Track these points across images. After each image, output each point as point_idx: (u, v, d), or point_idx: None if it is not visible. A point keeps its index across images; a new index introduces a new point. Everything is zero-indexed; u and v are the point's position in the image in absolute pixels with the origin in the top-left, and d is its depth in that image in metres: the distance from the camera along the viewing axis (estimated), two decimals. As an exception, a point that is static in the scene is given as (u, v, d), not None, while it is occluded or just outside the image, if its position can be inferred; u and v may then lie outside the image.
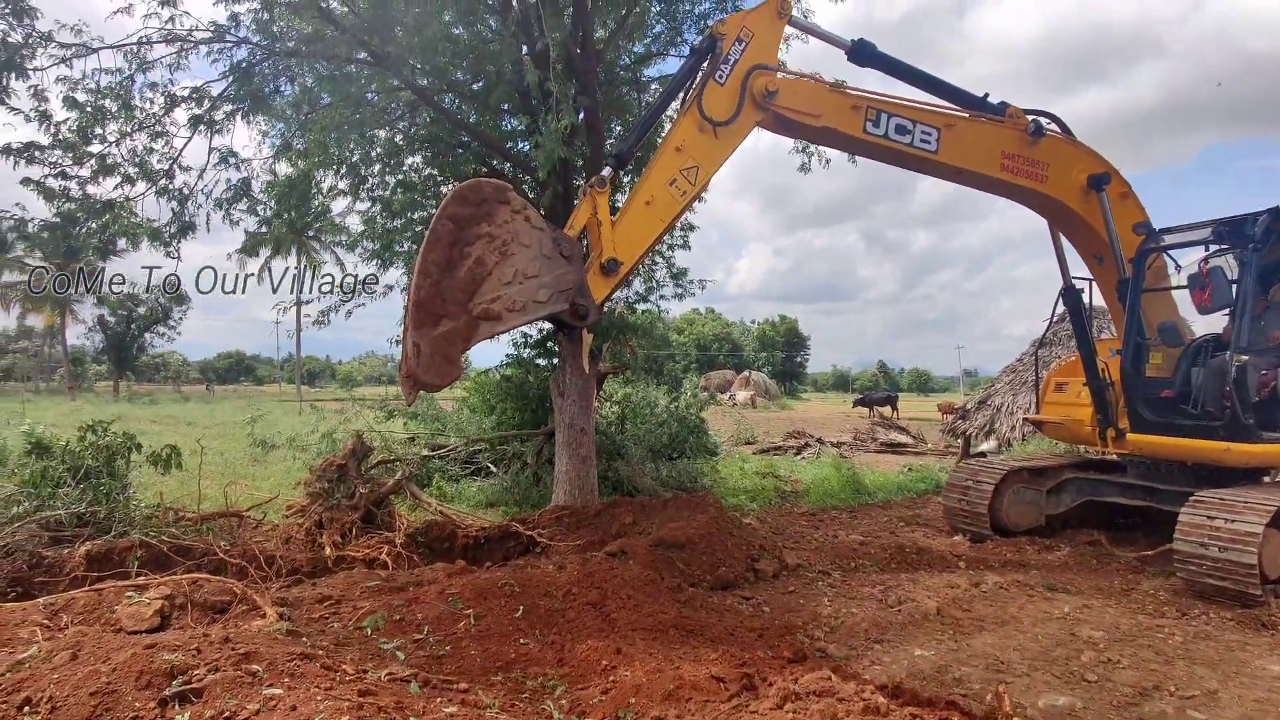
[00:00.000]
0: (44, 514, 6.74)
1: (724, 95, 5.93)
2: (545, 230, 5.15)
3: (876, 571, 7.36)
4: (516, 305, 5.01)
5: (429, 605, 4.82)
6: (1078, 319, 8.07)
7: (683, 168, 5.80)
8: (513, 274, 4.99)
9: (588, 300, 5.33)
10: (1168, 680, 4.70)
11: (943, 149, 6.72)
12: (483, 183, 5.10)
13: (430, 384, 4.89)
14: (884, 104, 6.56)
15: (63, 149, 7.16)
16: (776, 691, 3.05)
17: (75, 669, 3.20)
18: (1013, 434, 16.76)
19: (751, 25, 6.05)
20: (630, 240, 5.64)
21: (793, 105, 6.21)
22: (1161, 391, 7.42)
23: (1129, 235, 7.68)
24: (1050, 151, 7.28)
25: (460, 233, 4.91)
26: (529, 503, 10.12)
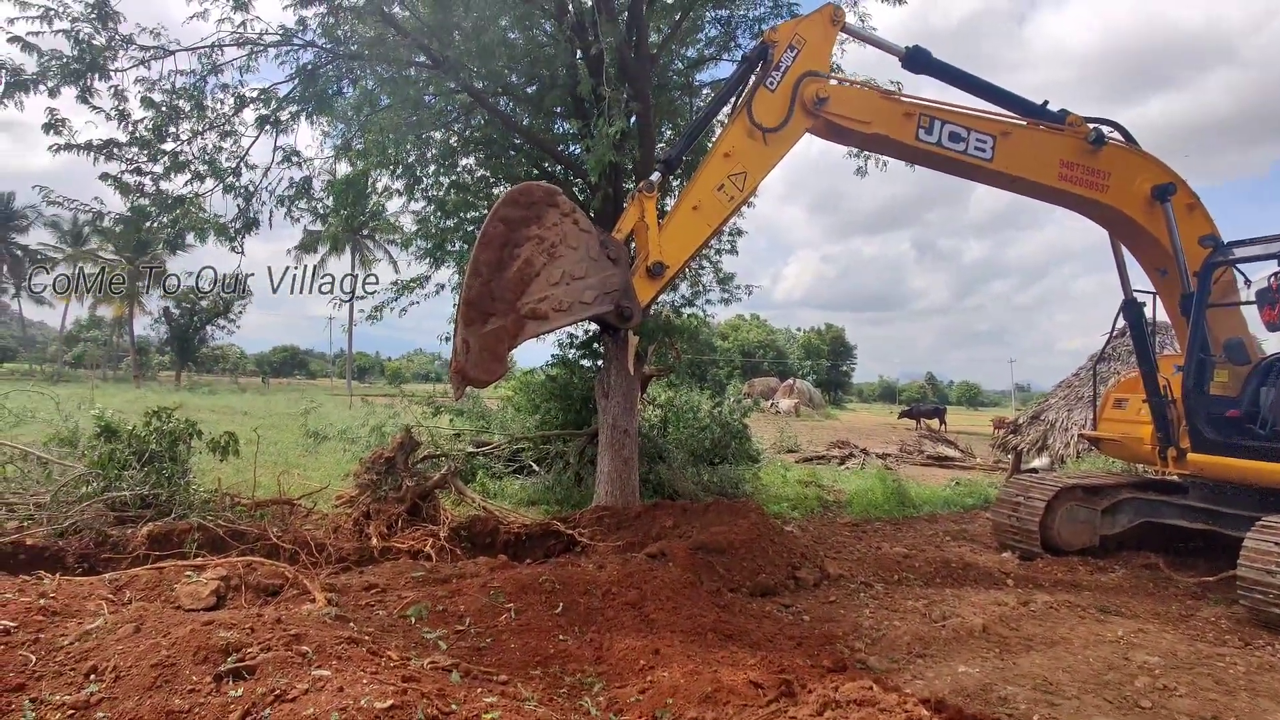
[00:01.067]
0: (110, 494, 7.05)
1: (775, 102, 5.95)
2: (593, 233, 5.24)
3: (920, 585, 7.22)
4: (563, 305, 5.12)
5: (471, 598, 4.90)
6: (1139, 333, 7.81)
7: (731, 173, 5.82)
8: (560, 275, 5.11)
9: (633, 303, 5.39)
10: (1228, 712, 4.50)
11: (998, 157, 6.58)
12: (533, 186, 5.25)
13: (478, 380, 5.01)
14: (937, 111, 6.46)
15: (139, 146, 7.49)
16: (816, 699, 3.03)
17: (138, 642, 3.35)
18: (1066, 451, 16.29)
19: (804, 33, 6.06)
20: (677, 244, 5.70)
21: (844, 112, 6.20)
22: (1227, 411, 7.12)
23: (1195, 248, 7.39)
24: (1112, 161, 7.05)
25: (511, 234, 5.05)
26: (570, 502, 10.19)
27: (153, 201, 7.68)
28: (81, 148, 7.25)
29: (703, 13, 9.51)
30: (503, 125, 9.22)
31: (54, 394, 11.50)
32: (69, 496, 7.03)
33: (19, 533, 6.36)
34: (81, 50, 6.90)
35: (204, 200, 7.92)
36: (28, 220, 57.74)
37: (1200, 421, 7.30)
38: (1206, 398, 7.32)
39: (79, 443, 8.37)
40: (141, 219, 7.76)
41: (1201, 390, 7.35)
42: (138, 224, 7.72)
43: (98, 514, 6.83)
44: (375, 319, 10.15)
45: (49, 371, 51.80)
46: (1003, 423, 23.99)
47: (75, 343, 67.91)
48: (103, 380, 47.67)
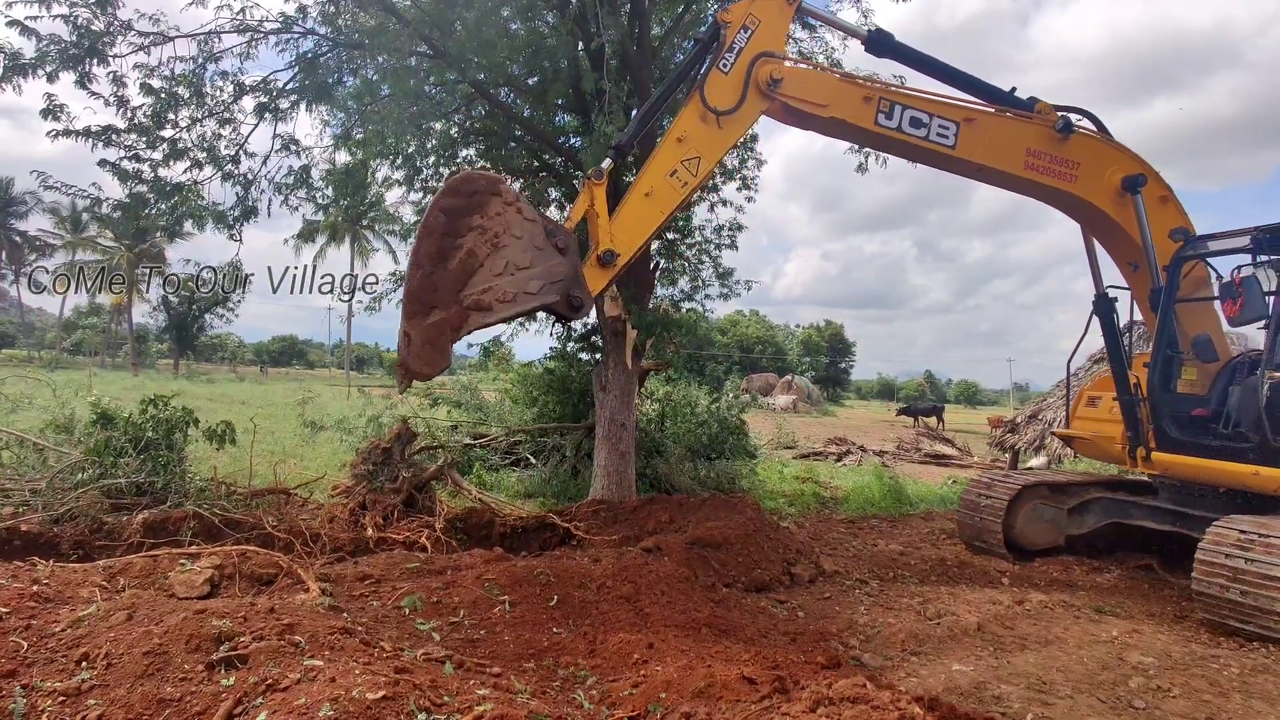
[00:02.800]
0: (106, 481, 7.03)
1: (728, 84, 5.78)
2: (538, 222, 5.13)
3: (916, 583, 7.23)
4: (507, 296, 5.00)
5: (466, 590, 4.89)
6: (1109, 330, 7.68)
7: (684, 158, 5.70)
8: (504, 265, 4.99)
9: (583, 292, 5.26)
10: (1221, 713, 4.51)
11: (961, 144, 6.40)
12: (474, 174, 5.16)
13: (420, 372, 4.91)
14: (898, 95, 6.32)
15: (137, 133, 7.45)
16: (809, 695, 3.02)
17: (130, 629, 3.34)
18: (1063, 450, 16.31)
19: (759, 12, 5.87)
20: (628, 232, 5.57)
21: (799, 94, 6.00)
22: (1194, 409, 7.02)
23: (1167, 241, 7.26)
24: (1081, 150, 6.90)
25: (453, 224, 4.94)
26: (567, 495, 10.19)
27: (151, 188, 7.64)
28: (80, 134, 7.22)
29: (705, 5, 9.46)
30: (504, 117, 9.18)
31: (51, 380, 11.47)
32: (64, 483, 7.02)
33: (14, 519, 6.35)
34: (80, 35, 6.86)
35: (202, 188, 7.90)
36: (27, 206, 57.65)
37: (1166, 420, 7.21)
38: (1173, 396, 7.24)
39: (75, 429, 8.36)
40: (140, 206, 7.73)
41: (1168, 388, 7.27)
42: (136, 211, 7.68)
43: (93, 501, 6.81)
44: (374, 310, 10.14)
45: (47, 358, 51.75)
46: (1000, 421, 24.02)
47: (74, 329, 67.85)
48: (101, 368, 47.62)
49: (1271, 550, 5.67)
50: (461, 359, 35.28)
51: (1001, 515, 7.98)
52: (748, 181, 11.13)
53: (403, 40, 7.51)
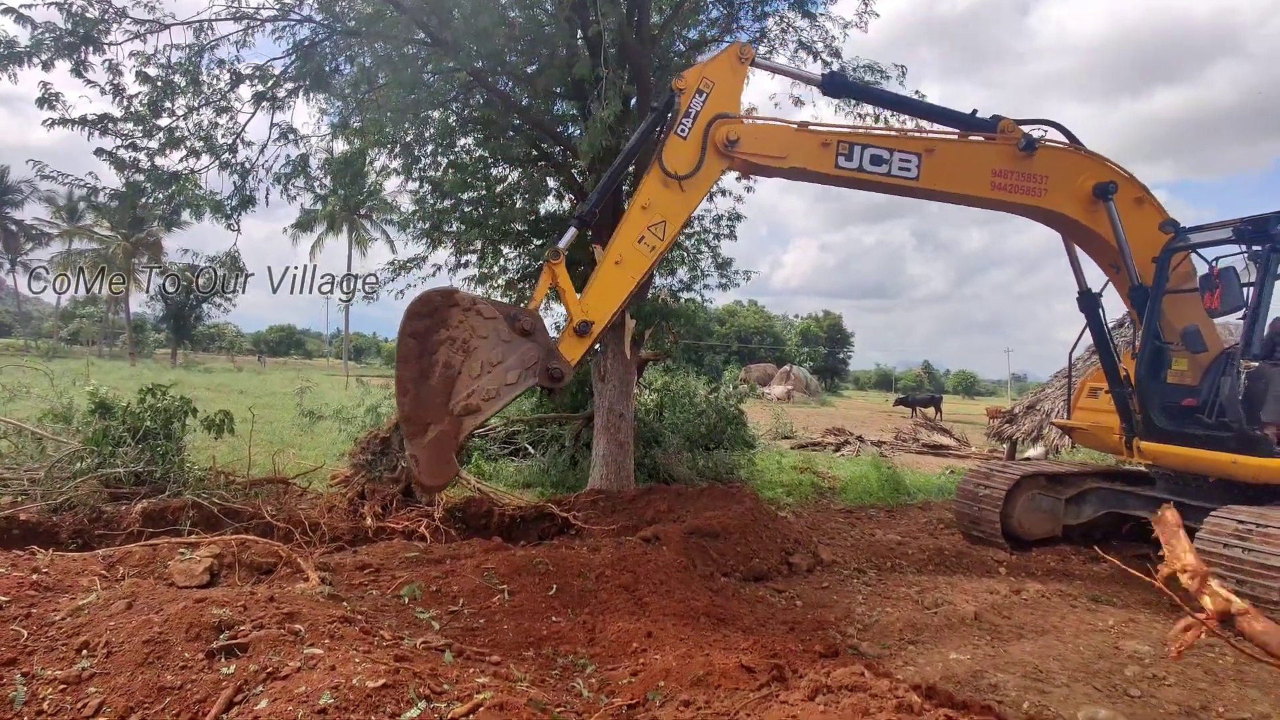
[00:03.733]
0: (104, 471, 7.04)
1: (687, 148, 5.95)
2: (499, 317, 5.45)
3: (913, 572, 7.25)
4: (490, 394, 5.36)
5: (465, 579, 4.91)
6: (1096, 325, 7.72)
7: (650, 224, 5.88)
8: (480, 367, 5.36)
9: (561, 363, 5.57)
10: (1216, 701, 4.54)
11: (924, 175, 6.46)
12: (429, 294, 5.52)
13: (436, 486, 5.39)
14: (855, 136, 6.41)
15: (134, 122, 7.40)
16: (808, 683, 3.04)
17: (130, 618, 3.35)
18: (1061, 440, 16.33)
19: (712, 75, 6.03)
20: (602, 301, 5.82)
21: (757, 150, 6.16)
22: (1183, 399, 7.06)
23: (1148, 241, 7.27)
24: (1049, 163, 6.90)
25: (424, 344, 5.33)
26: (565, 485, 10.21)
27: (148, 177, 7.60)
28: (76, 122, 7.17)
29: (705, -8, 9.42)
30: (501, 105, 9.13)
31: (49, 370, 11.45)
32: (63, 472, 7.03)
33: (13, 508, 6.35)
34: (75, 23, 6.80)
35: (200, 177, 7.85)
36: (23, 195, 57.33)
37: (1153, 410, 7.26)
38: (1162, 386, 7.27)
39: (73, 419, 8.34)
40: (136, 195, 7.69)
41: (1154, 378, 7.30)
42: (133, 200, 7.65)
43: (92, 490, 6.83)
44: (372, 299, 10.12)
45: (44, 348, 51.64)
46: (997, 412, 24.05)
47: (71, 319, 67.67)
48: (98, 357, 47.53)
49: (1269, 540, 5.69)
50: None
51: (999, 505, 8.00)
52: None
53: (400, 27, 7.46)
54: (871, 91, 6.83)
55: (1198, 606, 3.08)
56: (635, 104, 8.77)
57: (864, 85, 6.67)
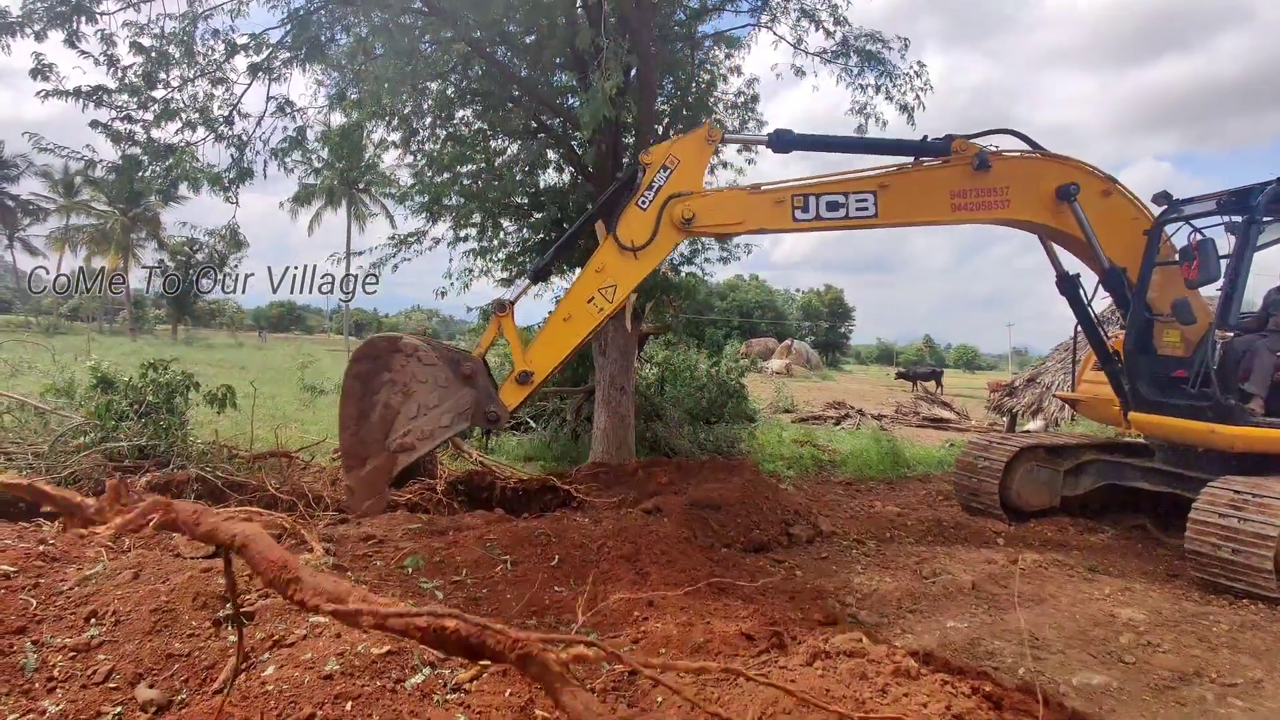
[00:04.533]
0: (108, 445, 7.07)
1: (644, 220, 6.19)
2: (438, 364, 5.88)
3: (912, 543, 7.32)
4: (424, 434, 5.81)
5: (468, 550, 4.96)
6: (1078, 307, 7.73)
7: (601, 287, 6.19)
8: (416, 409, 5.81)
9: (499, 407, 6.00)
10: (1209, 667, 4.60)
11: (883, 211, 6.53)
12: (376, 339, 6.05)
13: (366, 512, 5.77)
14: (807, 188, 6.48)
15: (128, 93, 7.32)
16: (806, 649, 3.08)
17: (137, 587, 3.39)
18: (1060, 414, 16.39)
19: (679, 153, 6.27)
20: (546, 354, 6.21)
21: (712, 222, 6.39)
22: (1175, 371, 7.08)
23: (1120, 229, 7.24)
24: (1008, 174, 6.86)
25: (367, 385, 5.87)
26: (567, 459, 10.26)
27: (144, 150, 7.54)
28: (70, 94, 7.09)
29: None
30: (500, 76, 9.02)
31: (50, 345, 11.46)
32: (66, 446, 7.05)
33: (18, 481, 6.39)
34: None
35: (196, 149, 7.78)
36: (18, 169, 56.92)
37: (1141, 381, 7.32)
38: (1151, 358, 7.31)
39: (75, 394, 8.37)
40: (133, 168, 7.63)
41: (1142, 350, 7.33)
42: (130, 173, 7.59)
43: (96, 464, 6.86)
44: (372, 292, 10.09)
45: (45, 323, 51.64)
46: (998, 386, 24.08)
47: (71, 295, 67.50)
48: (99, 333, 47.55)
49: (1265, 509, 5.74)
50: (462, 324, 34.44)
51: (998, 477, 8.05)
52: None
53: (396, -4, 7.35)
54: (819, 140, 6.99)
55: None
56: (635, 74, 8.67)
57: (811, 136, 6.91)
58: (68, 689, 2.82)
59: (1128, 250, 7.30)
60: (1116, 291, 7.36)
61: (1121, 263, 7.25)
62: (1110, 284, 7.36)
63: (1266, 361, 6.68)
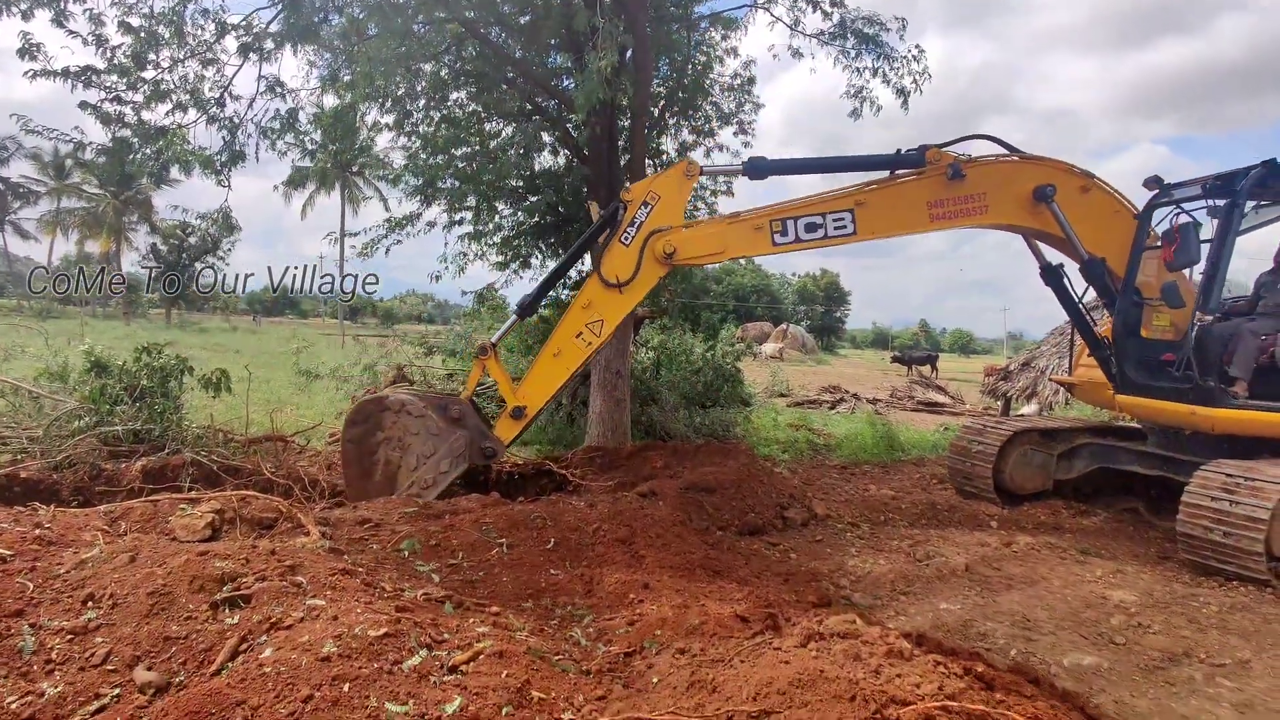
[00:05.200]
0: (103, 429, 7.06)
1: (628, 256, 6.42)
2: (427, 415, 6.21)
3: (906, 526, 7.37)
4: (428, 483, 6.15)
5: (464, 533, 4.97)
6: (1064, 296, 7.76)
7: (588, 322, 6.44)
8: (415, 460, 6.18)
9: (494, 442, 6.36)
10: (1199, 647, 4.66)
11: (861, 227, 6.64)
12: (363, 404, 6.43)
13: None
14: (785, 211, 6.60)
15: (118, 74, 7.24)
16: (801, 631, 3.11)
17: (134, 571, 3.39)
18: (1055, 398, 16.46)
19: (659, 189, 6.49)
20: (538, 389, 6.54)
21: (694, 254, 6.61)
22: (1164, 354, 7.12)
23: (1100, 224, 7.26)
24: (984, 180, 6.90)
25: (363, 448, 6.25)
26: (562, 443, 10.28)
27: (135, 132, 7.47)
28: (59, 74, 7.01)
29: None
30: (494, 57, 8.94)
31: (43, 329, 11.41)
32: (61, 431, 7.05)
33: (13, 466, 6.39)
34: (54, -31, 6.61)
35: (188, 131, 7.71)
36: (8, 151, 56.31)
37: (1128, 364, 7.37)
38: (1140, 342, 7.35)
39: (69, 378, 8.34)
40: (124, 150, 7.56)
41: (1130, 333, 7.37)
42: (120, 155, 7.52)
43: (91, 448, 6.86)
44: (367, 255, 10.04)
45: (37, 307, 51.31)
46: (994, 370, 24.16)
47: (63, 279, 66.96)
48: (92, 317, 47.27)
49: (1257, 493, 5.78)
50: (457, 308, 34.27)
51: (992, 460, 8.09)
52: (745, 126, 10.95)
53: (389, -25, 7.26)
54: (790, 163, 7.12)
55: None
56: (631, 56, 8.59)
57: (784, 161, 7.07)
58: (65, 671, 2.83)
59: (1110, 242, 7.31)
60: (1096, 281, 7.39)
61: (1102, 253, 7.27)
62: (1090, 274, 7.39)
63: (1250, 345, 6.71)
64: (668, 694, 2.99)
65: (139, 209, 51.68)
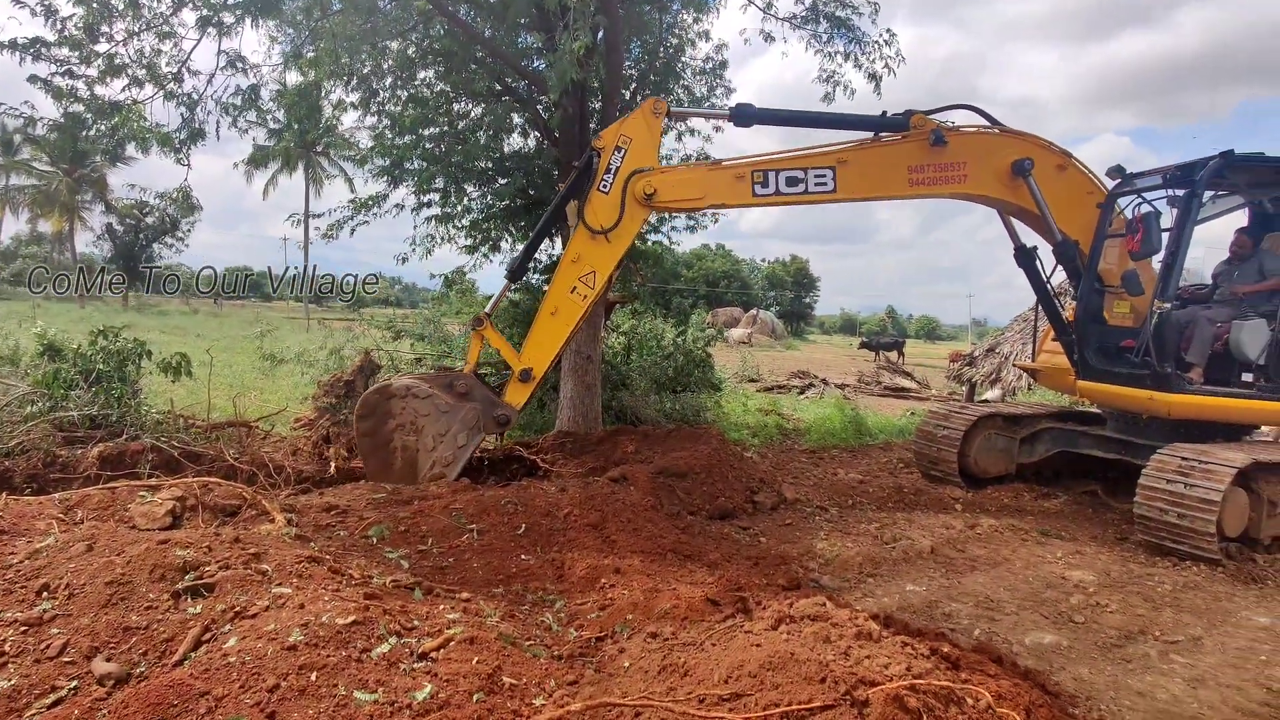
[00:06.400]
0: (57, 414, 6.85)
1: (609, 203, 6.39)
2: (434, 395, 6.22)
3: (873, 510, 7.47)
4: (448, 460, 6.19)
5: (433, 519, 4.92)
6: (1035, 278, 7.90)
7: (581, 275, 6.42)
8: (432, 441, 6.19)
9: (506, 409, 6.40)
10: (1153, 625, 4.80)
11: (841, 186, 6.72)
12: (366, 396, 6.39)
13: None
14: (767, 163, 6.64)
15: (69, 47, 6.94)
16: (771, 614, 3.13)
17: (91, 560, 3.30)
18: (1018, 383, 16.79)
19: (629, 131, 6.44)
20: (541, 350, 6.51)
21: (674, 197, 6.59)
22: (1124, 340, 7.29)
23: (1074, 204, 7.39)
24: (965, 149, 7.02)
25: (376, 439, 6.21)
26: (533, 428, 10.23)
27: (88, 107, 7.18)
28: (5, 47, 6.71)
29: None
30: (463, 36, 8.76)
31: (-9, 311, 11.00)
32: (13, 416, 6.81)
33: (-38, 452, 6.16)
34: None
35: (144, 108, 7.44)
36: (-47, 127, 53.99)
37: (1089, 350, 7.53)
38: (1102, 328, 7.52)
39: (21, 362, 8.07)
40: (77, 126, 7.28)
41: (1092, 320, 7.53)
42: (73, 131, 7.24)
43: (45, 434, 6.64)
44: (331, 237, 9.83)
45: (-14, 289, 49.55)
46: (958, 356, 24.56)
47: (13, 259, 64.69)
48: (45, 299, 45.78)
49: (1210, 475, 5.97)
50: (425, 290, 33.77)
51: (957, 445, 8.23)
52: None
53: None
54: (779, 114, 7.14)
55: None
56: (603, 36, 8.49)
57: (772, 111, 7.09)
58: (20, 664, 2.75)
59: (1082, 224, 7.45)
60: (1068, 263, 7.53)
61: (1075, 236, 7.41)
62: (1062, 256, 7.52)
63: (1206, 332, 6.90)
64: (639, 678, 3.00)
65: (93, 187, 49.98)
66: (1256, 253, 7.40)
